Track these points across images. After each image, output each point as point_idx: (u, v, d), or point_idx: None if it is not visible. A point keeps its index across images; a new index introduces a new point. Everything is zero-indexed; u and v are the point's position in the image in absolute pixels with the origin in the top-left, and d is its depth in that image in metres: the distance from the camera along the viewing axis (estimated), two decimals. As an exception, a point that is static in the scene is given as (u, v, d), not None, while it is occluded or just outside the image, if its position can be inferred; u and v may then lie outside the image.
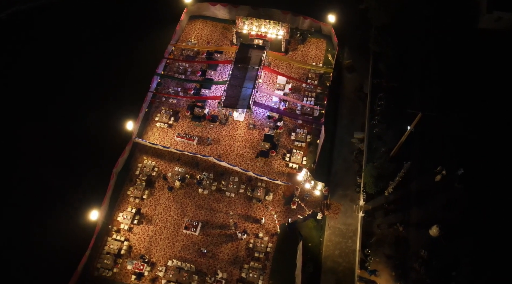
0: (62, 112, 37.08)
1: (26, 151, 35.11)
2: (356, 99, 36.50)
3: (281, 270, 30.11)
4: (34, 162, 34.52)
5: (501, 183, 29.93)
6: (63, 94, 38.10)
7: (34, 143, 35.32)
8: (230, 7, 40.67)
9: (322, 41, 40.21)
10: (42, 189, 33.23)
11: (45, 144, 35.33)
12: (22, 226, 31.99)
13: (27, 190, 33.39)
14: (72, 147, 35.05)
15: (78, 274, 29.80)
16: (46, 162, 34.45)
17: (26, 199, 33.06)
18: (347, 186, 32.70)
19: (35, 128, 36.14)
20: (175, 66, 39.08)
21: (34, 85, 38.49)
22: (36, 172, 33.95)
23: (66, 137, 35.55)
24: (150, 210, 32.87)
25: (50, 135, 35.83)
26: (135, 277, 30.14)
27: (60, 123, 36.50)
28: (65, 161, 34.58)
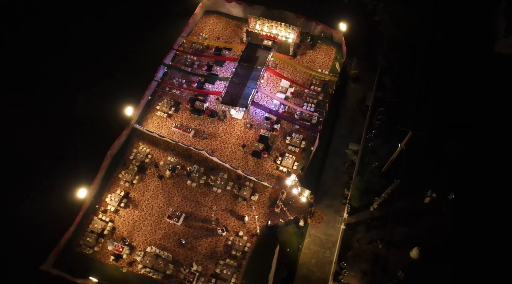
0: (64, 92, 38.19)
1: (23, 126, 36.45)
2: (356, 111, 36.06)
3: (255, 270, 30.19)
4: (30, 136, 35.74)
5: (490, 214, 28.97)
6: (68, 75, 39.16)
7: (32, 119, 36.73)
8: (245, 6, 40.93)
9: (332, 49, 39.90)
10: (33, 163, 34.41)
11: (44, 122, 36.65)
12: (7, 197, 33.13)
13: (18, 163, 34.60)
14: (70, 126, 36.19)
15: (60, 247, 30.82)
16: (41, 138, 35.63)
17: (14, 172, 34.26)
18: (334, 196, 32.40)
19: (38, 104, 37.54)
20: (183, 58, 39.70)
21: (42, 64, 39.84)
22: (30, 146, 35.15)
23: (66, 116, 36.69)
24: (138, 195, 33.60)
25: (50, 113, 37.09)
26: (113, 258, 30.90)
27: (61, 103, 37.63)
28: (62, 139, 35.67)
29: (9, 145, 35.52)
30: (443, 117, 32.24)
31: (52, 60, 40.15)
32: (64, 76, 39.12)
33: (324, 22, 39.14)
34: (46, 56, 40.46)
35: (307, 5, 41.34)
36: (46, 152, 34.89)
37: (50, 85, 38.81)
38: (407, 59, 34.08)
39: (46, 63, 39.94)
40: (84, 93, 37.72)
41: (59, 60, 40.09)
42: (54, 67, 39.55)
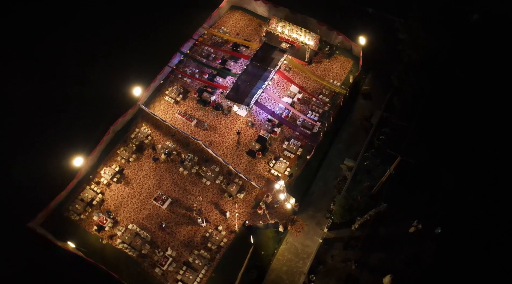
0: (78, 60, 39.81)
1: (33, 89, 38.47)
2: (360, 127, 35.37)
3: (227, 266, 30.45)
4: (38, 101, 37.75)
5: (475, 255, 27.65)
6: (86, 43, 40.79)
7: (43, 84, 38.69)
8: (271, 6, 41.03)
9: (349, 61, 39.29)
10: (35, 126, 36.31)
11: (53, 88, 38.44)
12: (5, 155, 35.07)
13: (21, 124, 36.60)
14: (79, 96, 37.72)
15: (50, 209, 32.40)
16: (48, 103, 37.53)
17: (17, 132, 36.22)
18: (319, 208, 32.04)
19: (51, 69, 39.47)
20: (200, 49, 40.39)
21: (65, 31, 41.73)
22: (35, 109, 37.20)
23: (76, 85, 38.29)
24: (131, 173, 34.68)
25: (61, 79, 38.90)
26: (96, 228, 32.14)
27: (73, 71, 39.22)
28: (68, 107, 37.30)
29: (18, 106, 37.57)
30: (445, 148, 30.99)
31: (73, 27, 41.82)
32: (81, 44, 40.66)
33: (345, 33, 38.60)
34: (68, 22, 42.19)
35: (332, 13, 40.92)
36: (50, 117, 36.70)
37: (67, 51, 40.52)
38: (420, 85, 32.93)
39: (68, 30, 41.73)
40: (98, 65, 39.04)
41: (78, 29, 41.64)
42: (73, 35, 41.25)
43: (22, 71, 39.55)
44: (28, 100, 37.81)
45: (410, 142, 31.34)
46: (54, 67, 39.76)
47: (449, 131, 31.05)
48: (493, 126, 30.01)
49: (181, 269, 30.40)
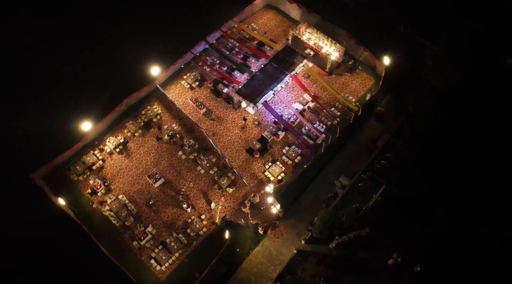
0: (105, 29, 41.54)
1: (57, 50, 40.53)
2: (364, 147, 34.51)
3: (201, 255, 30.94)
4: (61, 60, 39.92)
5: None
6: (115, 15, 42.33)
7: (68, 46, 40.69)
8: (304, 11, 40.76)
9: (370, 79, 38.35)
10: (52, 85, 38.38)
11: (76, 51, 40.42)
12: (19, 109, 37.30)
13: (39, 81, 38.69)
14: (100, 63, 39.39)
15: (53, 165, 34.33)
16: (70, 64, 39.66)
17: (34, 89, 38.37)
18: (302, 219, 31.71)
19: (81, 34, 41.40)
20: (226, 41, 40.92)
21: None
22: (55, 68, 39.24)
23: (99, 51, 40.02)
24: (134, 147, 36.00)
25: (87, 44, 40.78)
26: (90, 191, 33.74)
27: (99, 37, 41.02)
28: (87, 71, 39.09)
29: (50, 62, 39.84)
30: (444, 185, 29.55)
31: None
32: (111, 16, 42.33)
33: (372, 50, 37.64)
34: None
35: (363, 27, 40.10)
36: (72, 79, 38.65)
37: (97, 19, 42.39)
38: (435, 116, 31.53)
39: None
40: (123, 37, 40.58)
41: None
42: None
43: (59, 31, 41.74)
44: (57, 58, 40.05)
45: (409, 172, 30.20)
46: (89, 34, 41.76)
47: (453, 170, 29.56)
48: (498, 176, 28.21)
49: (157, 248, 31.28)
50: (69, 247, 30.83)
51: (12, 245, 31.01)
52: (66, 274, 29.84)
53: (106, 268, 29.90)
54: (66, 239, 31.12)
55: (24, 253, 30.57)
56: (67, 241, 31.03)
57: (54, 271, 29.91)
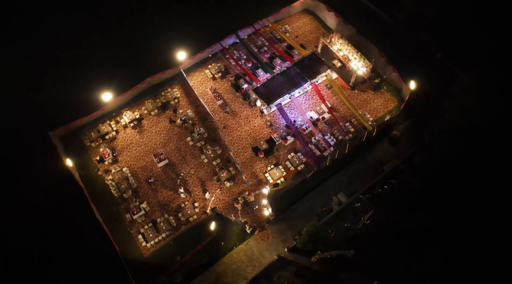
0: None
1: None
2: (370, 169, 33.62)
3: (186, 240, 31.56)
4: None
5: None
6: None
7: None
8: (341, 21, 40.14)
9: (393, 101, 37.22)
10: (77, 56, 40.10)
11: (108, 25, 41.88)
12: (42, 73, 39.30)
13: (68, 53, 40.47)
14: (129, 40, 40.83)
15: (71, 127, 36.22)
16: (99, 38, 41.26)
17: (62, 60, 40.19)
18: (292, 227, 31.49)
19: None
20: (256, 39, 41.10)
21: None
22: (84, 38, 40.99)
23: (131, 36, 41.36)
24: (147, 125, 37.21)
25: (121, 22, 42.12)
26: (98, 158, 35.32)
27: (136, 23, 42.14)
28: (121, 49, 40.57)
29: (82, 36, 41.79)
30: (443, 224, 28.27)
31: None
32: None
33: (402, 72, 36.45)
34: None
35: (397, 47, 38.89)
36: (103, 49, 40.36)
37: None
38: (450, 152, 30.14)
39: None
40: (159, 18, 41.68)
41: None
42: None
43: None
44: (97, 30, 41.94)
45: (409, 203, 29.15)
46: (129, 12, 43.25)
47: (456, 210, 28.19)
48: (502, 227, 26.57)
49: (147, 224, 32.27)
50: (67, 207, 32.45)
51: (15, 196, 33.05)
52: (58, 233, 31.39)
53: (96, 234, 31.15)
54: (65, 198, 32.73)
55: (23, 205, 32.49)
56: (67, 201, 32.65)
57: (46, 227, 31.57)
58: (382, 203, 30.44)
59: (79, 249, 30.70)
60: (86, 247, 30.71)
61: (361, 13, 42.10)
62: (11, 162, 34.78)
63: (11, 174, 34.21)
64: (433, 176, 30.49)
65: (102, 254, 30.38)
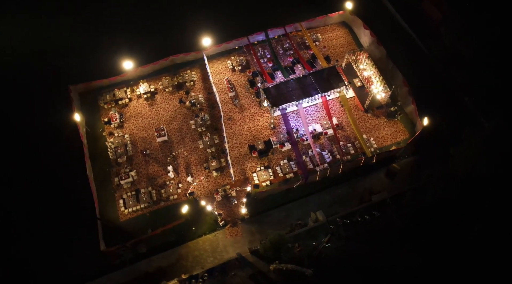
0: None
1: None
2: (358, 195, 32.66)
3: (161, 217, 32.55)
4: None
5: None
6: None
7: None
8: (374, 41, 38.88)
9: (405, 134, 35.72)
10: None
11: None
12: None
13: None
14: (159, 22, 42.41)
15: (90, 86, 38.44)
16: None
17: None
18: (262, 231, 31.41)
19: None
20: (284, 41, 40.89)
21: None
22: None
23: (168, 13, 42.96)
24: (160, 99, 38.63)
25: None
26: (106, 120, 37.31)
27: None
28: (151, 26, 42.35)
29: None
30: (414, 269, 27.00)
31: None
32: None
33: (421, 106, 34.79)
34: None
35: (424, 80, 37.20)
36: (134, 22, 42.25)
37: None
38: (443, 199, 28.57)
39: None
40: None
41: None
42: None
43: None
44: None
45: (385, 240, 28.12)
46: None
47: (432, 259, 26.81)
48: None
49: (130, 192, 33.72)
50: (65, 157, 34.65)
51: (22, 135, 35.95)
52: (49, 181, 33.72)
53: (83, 188, 33.02)
54: (66, 149, 34.94)
55: (26, 146, 35.36)
56: (66, 151, 34.87)
57: (40, 174, 34.04)
58: (356, 232, 29.67)
59: (62, 197, 32.89)
60: (69, 198, 32.81)
61: (397, 37, 40.58)
62: (31, 105, 37.69)
63: (27, 116, 37.09)
64: (417, 218, 29.15)
65: (81, 207, 32.21)
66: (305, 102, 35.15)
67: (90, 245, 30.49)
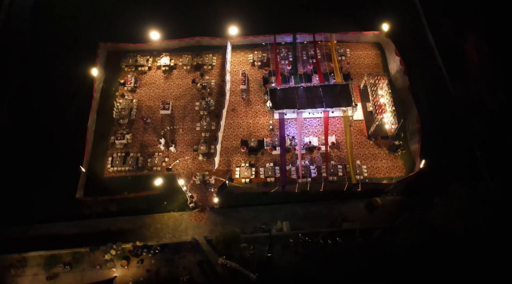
0: None
1: None
2: (330, 218, 31.78)
3: (141, 184, 33.88)
4: None
5: None
6: None
7: None
8: (401, 70, 36.99)
9: (402, 170, 34.01)
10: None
11: None
12: None
13: None
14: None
15: (117, 47, 40.64)
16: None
17: None
18: (226, 224, 31.60)
19: None
20: (310, 48, 40.14)
21: None
22: None
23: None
24: (175, 75, 39.94)
25: None
26: (122, 82, 39.33)
27: None
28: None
29: None
30: None
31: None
32: None
33: (426, 148, 32.84)
34: None
35: (438, 122, 35.04)
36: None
37: None
38: (413, 246, 27.05)
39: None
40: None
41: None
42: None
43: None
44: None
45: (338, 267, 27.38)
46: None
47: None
48: None
49: (120, 153, 35.46)
50: (76, 107, 37.32)
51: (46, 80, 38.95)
52: (54, 121, 36.42)
53: (80, 137, 35.11)
54: (81, 100, 37.41)
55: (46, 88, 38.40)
56: (80, 102, 37.39)
57: (48, 113, 37.01)
58: (314, 252, 29.04)
59: (59, 138, 35.59)
60: (65, 141, 35.28)
61: (427, 70, 38.37)
62: (64, 54, 40.50)
63: (58, 63, 39.95)
64: (379, 257, 27.88)
65: (73, 153, 34.23)
66: (306, 112, 34.56)
67: (69, 190, 32.52)
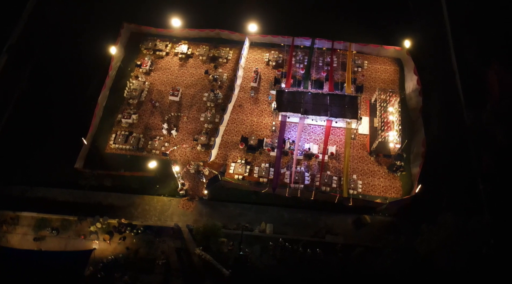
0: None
1: None
2: (314, 227, 31.46)
3: (138, 163, 34.66)
4: None
5: None
6: None
7: None
8: (417, 90, 35.67)
9: (398, 192, 33.09)
10: None
11: None
12: None
13: None
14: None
15: (140, 29, 41.56)
16: None
17: None
18: (211, 216, 31.94)
19: None
20: (327, 55, 39.58)
21: None
22: None
23: None
24: (190, 64, 40.48)
25: None
26: (139, 63, 40.30)
27: None
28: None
29: None
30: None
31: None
32: None
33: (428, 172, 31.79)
34: None
35: (445, 147, 33.84)
36: None
37: None
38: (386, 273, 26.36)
39: None
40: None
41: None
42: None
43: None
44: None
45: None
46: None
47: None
48: None
49: (124, 131, 36.47)
50: (89, 77, 38.74)
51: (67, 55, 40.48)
52: (69, 93, 37.96)
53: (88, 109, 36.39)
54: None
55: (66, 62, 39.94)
56: (92, 72, 38.80)
57: (64, 86, 38.47)
58: (292, 258, 28.84)
59: (69, 109, 36.98)
60: (75, 113, 36.69)
61: (444, 95, 37.00)
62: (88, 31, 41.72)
63: (82, 40, 41.20)
64: (356, 276, 27.35)
65: (81, 126, 35.54)
66: (309, 119, 34.17)
67: (69, 159, 33.86)
